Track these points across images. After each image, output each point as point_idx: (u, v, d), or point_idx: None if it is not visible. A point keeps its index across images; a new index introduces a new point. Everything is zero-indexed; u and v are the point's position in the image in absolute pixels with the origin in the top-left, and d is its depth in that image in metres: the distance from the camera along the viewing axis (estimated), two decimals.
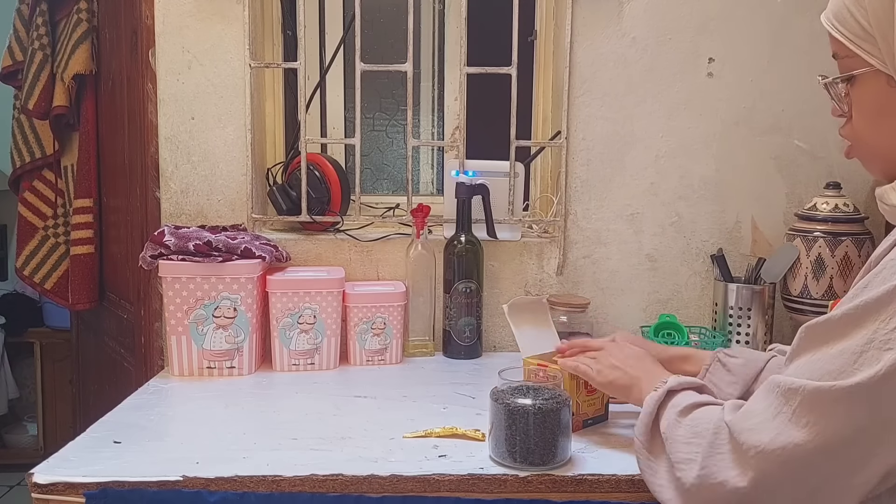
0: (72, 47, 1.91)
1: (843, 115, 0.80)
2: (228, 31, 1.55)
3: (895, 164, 0.76)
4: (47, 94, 2.00)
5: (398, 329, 1.49)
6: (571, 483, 0.98)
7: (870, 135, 0.77)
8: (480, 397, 1.25)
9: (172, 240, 1.38)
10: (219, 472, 0.97)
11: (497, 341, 1.62)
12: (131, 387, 1.39)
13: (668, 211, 1.63)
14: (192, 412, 1.24)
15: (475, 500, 0.98)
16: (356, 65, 1.56)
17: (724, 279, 1.54)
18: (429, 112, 2.06)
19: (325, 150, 1.78)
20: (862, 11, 0.72)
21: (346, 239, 1.59)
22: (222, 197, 1.58)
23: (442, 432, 1.12)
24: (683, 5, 1.57)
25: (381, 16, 1.99)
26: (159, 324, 1.57)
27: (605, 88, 1.60)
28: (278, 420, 1.19)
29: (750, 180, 1.61)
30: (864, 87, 0.75)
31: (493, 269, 1.60)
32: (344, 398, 1.30)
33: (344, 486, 0.97)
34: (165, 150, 1.57)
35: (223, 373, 1.40)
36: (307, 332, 1.44)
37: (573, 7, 1.56)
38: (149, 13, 1.54)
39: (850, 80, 0.76)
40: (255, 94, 1.58)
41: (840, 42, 0.76)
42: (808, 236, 1.45)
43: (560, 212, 1.61)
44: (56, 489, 0.95)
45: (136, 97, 1.63)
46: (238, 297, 1.38)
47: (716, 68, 1.59)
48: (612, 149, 1.61)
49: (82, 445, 1.06)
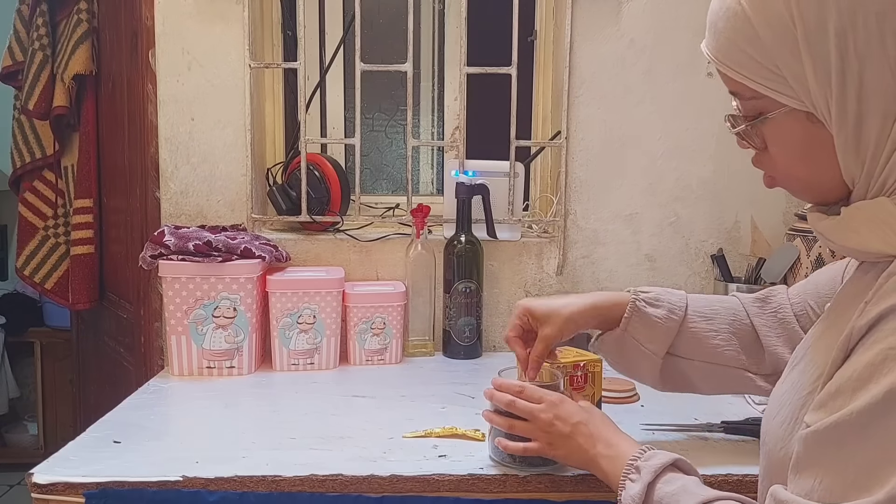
0: (72, 48, 1.91)
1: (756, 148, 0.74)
2: (228, 31, 1.55)
3: (824, 191, 0.70)
4: (47, 95, 2.00)
5: (398, 329, 1.49)
6: (571, 483, 0.98)
7: (795, 169, 0.71)
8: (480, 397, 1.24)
9: (172, 240, 1.38)
10: (218, 471, 0.97)
11: (497, 341, 1.62)
12: (131, 386, 1.39)
13: (667, 211, 1.63)
14: (191, 412, 1.24)
15: (475, 500, 0.98)
16: (356, 65, 1.57)
17: (724, 279, 1.54)
18: (429, 112, 2.07)
19: (325, 150, 1.78)
20: (761, 51, 0.65)
21: (346, 239, 1.59)
22: (222, 197, 1.59)
23: (441, 432, 1.12)
24: (682, 6, 1.57)
25: (381, 16, 1.99)
26: (159, 324, 1.57)
27: (604, 89, 1.60)
28: (278, 420, 1.19)
29: (749, 180, 1.61)
30: (782, 127, 0.69)
31: (492, 269, 1.61)
32: (343, 398, 1.30)
33: (343, 486, 0.97)
34: (165, 150, 1.57)
35: (223, 372, 1.40)
36: (307, 332, 1.44)
37: (573, 7, 1.57)
38: (149, 14, 1.54)
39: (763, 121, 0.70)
40: (254, 95, 1.58)
41: (741, 84, 0.69)
42: (809, 236, 1.45)
43: (560, 212, 1.62)
44: (56, 489, 0.95)
45: (136, 98, 1.63)
46: (238, 296, 1.38)
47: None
48: (611, 149, 1.61)
49: (82, 445, 1.07)
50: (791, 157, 0.70)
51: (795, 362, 0.76)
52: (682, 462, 0.85)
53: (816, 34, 0.63)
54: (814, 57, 0.63)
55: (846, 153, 0.65)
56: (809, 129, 0.67)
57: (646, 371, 1.05)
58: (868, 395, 0.59)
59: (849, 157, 0.65)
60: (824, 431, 0.61)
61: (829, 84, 0.63)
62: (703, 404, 1.18)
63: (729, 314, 1.04)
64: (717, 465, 1.02)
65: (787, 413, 0.70)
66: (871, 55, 0.62)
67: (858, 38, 0.62)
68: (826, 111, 0.65)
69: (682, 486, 0.80)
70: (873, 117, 0.63)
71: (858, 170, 0.66)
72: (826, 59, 0.63)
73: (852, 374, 0.61)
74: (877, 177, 0.65)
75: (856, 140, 0.64)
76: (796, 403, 0.69)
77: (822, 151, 0.67)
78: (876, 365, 0.59)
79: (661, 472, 0.82)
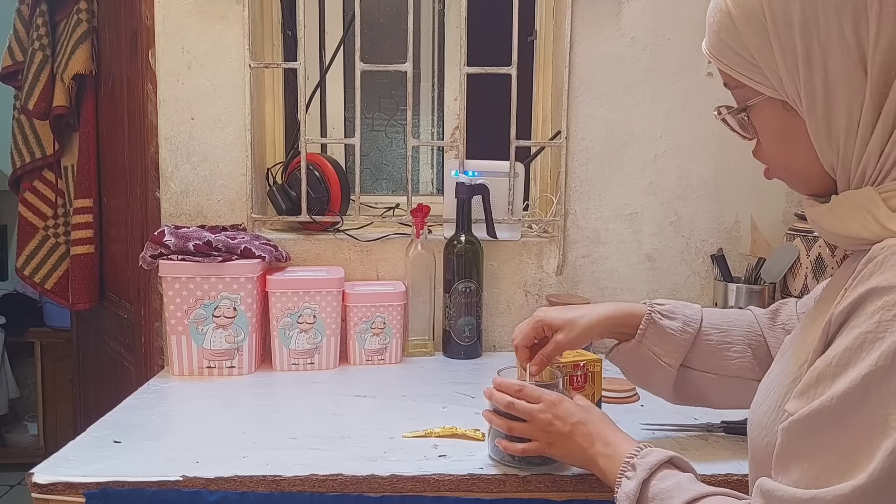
0: (72, 47, 1.91)
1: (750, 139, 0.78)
2: (228, 31, 1.55)
3: (813, 181, 0.73)
4: (47, 95, 2.00)
5: (398, 329, 1.49)
6: (571, 483, 0.98)
7: (783, 159, 0.75)
8: (480, 397, 1.24)
9: (172, 240, 1.38)
10: (218, 471, 0.97)
11: (497, 341, 1.62)
12: (131, 386, 1.39)
13: (667, 210, 1.63)
14: (191, 412, 1.24)
15: (475, 499, 0.98)
16: (356, 65, 1.57)
17: (724, 279, 1.54)
18: (429, 112, 2.07)
19: (325, 150, 1.78)
20: (739, 42, 0.71)
21: (346, 239, 1.59)
22: (222, 197, 1.59)
23: (442, 432, 1.12)
24: (682, 5, 1.57)
25: (381, 16, 1.99)
26: (159, 323, 1.57)
27: (604, 88, 1.60)
28: (278, 419, 1.19)
29: (749, 180, 1.62)
30: (763, 114, 0.73)
31: (492, 268, 1.61)
32: (343, 398, 1.31)
33: (343, 486, 0.97)
34: (165, 150, 1.57)
35: (223, 372, 1.40)
36: (307, 332, 1.44)
37: (573, 7, 1.57)
38: (149, 14, 1.54)
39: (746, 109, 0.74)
40: (254, 95, 1.58)
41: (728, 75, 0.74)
42: (809, 236, 1.45)
43: (559, 211, 1.62)
44: (56, 489, 0.95)
45: (136, 98, 1.63)
46: (238, 296, 1.38)
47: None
48: (611, 148, 1.61)
49: (82, 445, 1.07)
50: (774, 145, 0.75)
51: (782, 352, 0.77)
52: (677, 459, 0.85)
53: (784, 26, 0.68)
54: (783, 47, 0.68)
55: (819, 139, 0.69)
56: (786, 118, 0.71)
57: (660, 383, 1.06)
58: (847, 380, 0.60)
59: (822, 142, 0.69)
60: (805, 420, 0.62)
61: (797, 72, 0.68)
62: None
63: (744, 327, 1.05)
64: (717, 465, 1.03)
65: (772, 401, 0.71)
66: (831, 44, 0.66)
67: (820, 29, 0.66)
68: (797, 98, 0.69)
69: (676, 483, 0.80)
70: (840, 103, 0.67)
71: (834, 156, 0.69)
72: (793, 49, 0.68)
73: (832, 361, 0.62)
74: (854, 166, 0.68)
75: (826, 126, 0.68)
76: (780, 392, 0.70)
77: (800, 139, 0.71)
78: (854, 349, 0.61)
79: (657, 469, 0.83)
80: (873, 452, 0.57)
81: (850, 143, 0.68)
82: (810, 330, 0.71)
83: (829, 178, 0.71)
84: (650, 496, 0.81)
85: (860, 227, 0.67)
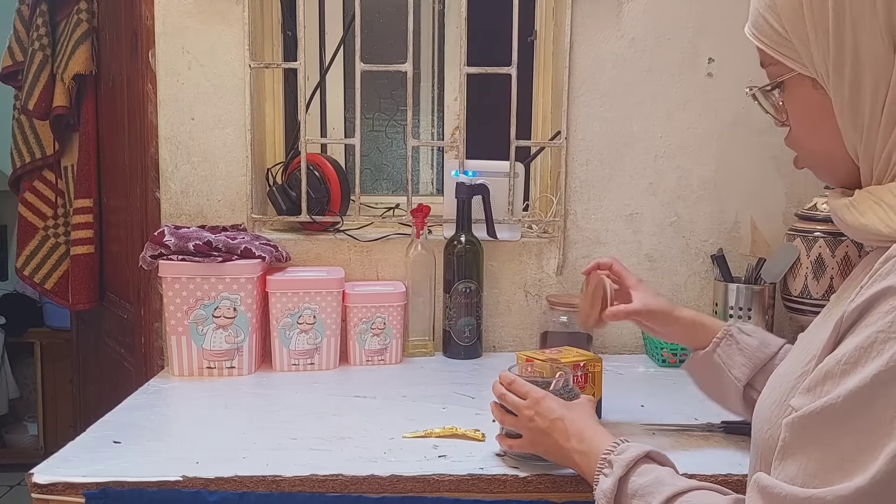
0: (72, 48, 1.91)
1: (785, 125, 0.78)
2: (228, 31, 1.55)
3: (839, 169, 0.73)
4: (47, 95, 2.00)
5: (398, 329, 1.49)
6: (571, 483, 0.98)
7: (809, 141, 0.75)
8: (480, 397, 1.25)
9: (172, 240, 1.38)
10: (218, 472, 0.97)
11: (497, 341, 1.62)
12: (131, 387, 1.39)
13: (667, 211, 1.63)
14: (191, 412, 1.24)
15: (475, 500, 0.98)
16: (356, 65, 1.57)
17: (724, 279, 1.54)
18: (429, 112, 2.07)
19: (325, 150, 1.78)
20: (775, 16, 0.71)
21: (346, 239, 1.59)
22: (222, 197, 1.59)
23: (442, 432, 1.12)
24: (682, 6, 1.57)
25: (381, 16, 1.99)
26: (159, 324, 1.57)
27: (604, 88, 1.60)
28: (278, 420, 1.19)
29: (749, 180, 1.61)
30: (793, 94, 0.74)
31: (492, 269, 1.60)
32: (344, 398, 1.30)
33: (343, 487, 0.97)
34: (165, 150, 1.57)
35: (223, 373, 1.40)
36: (307, 332, 1.44)
37: (573, 7, 1.57)
38: (149, 14, 1.54)
39: (778, 87, 0.75)
40: (254, 95, 1.58)
41: (762, 50, 0.75)
42: (809, 236, 1.45)
43: (560, 212, 1.62)
44: (56, 489, 0.95)
45: (136, 98, 1.63)
46: (238, 297, 1.38)
47: (715, 68, 1.59)
48: (611, 149, 1.61)
49: (82, 445, 1.07)
50: (803, 126, 0.75)
51: (795, 347, 0.77)
52: (655, 453, 0.85)
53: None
54: (815, 21, 0.68)
55: (843, 117, 0.69)
56: (815, 97, 0.71)
57: (730, 397, 1.05)
58: (856, 379, 0.59)
59: (846, 121, 0.69)
60: (810, 416, 0.62)
61: (827, 47, 0.68)
62: (703, 404, 1.17)
63: None
64: (717, 465, 1.02)
65: (778, 396, 0.71)
66: (863, 20, 0.66)
67: (853, 3, 0.66)
68: (826, 74, 0.69)
69: (656, 478, 0.80)
70: (867, 81, 0.67)
71: (858, 138, 0.69)
72: (825, 23, 0.67)
73: (841, 358, 0.61)
74: (879, 149, 0.68)
75: (852, 105, 0.68)
76: (787, 386, 0.70)
77: (827, 120, 0.71)
78: (864, 348, 0.60)
79: (634, 465, 0.83)
80: (876, 454, 0.57)
81: (875, 124, 0.67)
82: (823, 326, 0.71)
83: (855, 166, 0.71)
84: (630, 492, 0.81)
85: (879, 222, 0.67)
